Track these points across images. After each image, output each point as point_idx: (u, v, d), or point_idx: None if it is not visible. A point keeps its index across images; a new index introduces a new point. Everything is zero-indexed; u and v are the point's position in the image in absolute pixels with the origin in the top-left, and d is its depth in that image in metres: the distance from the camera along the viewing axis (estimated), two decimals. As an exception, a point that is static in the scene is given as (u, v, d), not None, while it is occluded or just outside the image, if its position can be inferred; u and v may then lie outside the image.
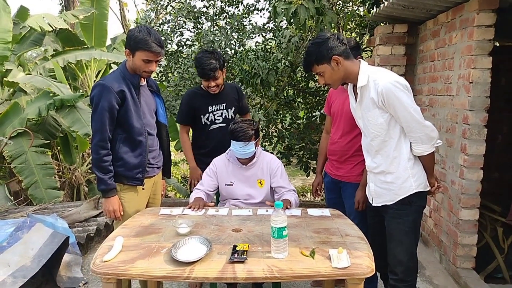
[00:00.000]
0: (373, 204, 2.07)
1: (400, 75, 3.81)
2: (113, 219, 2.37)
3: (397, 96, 1.78)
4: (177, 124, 3.19)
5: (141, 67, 2.21)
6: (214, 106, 2.94)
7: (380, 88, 1.80)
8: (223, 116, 2.97)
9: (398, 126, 1.88)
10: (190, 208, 2.36)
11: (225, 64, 2.96)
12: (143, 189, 2.39)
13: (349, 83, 2.07)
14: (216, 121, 2.96)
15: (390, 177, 1.95)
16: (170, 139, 5.61)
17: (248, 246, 1.76)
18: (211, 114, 2.95)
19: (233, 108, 3.01)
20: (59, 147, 6.10)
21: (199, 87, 3.04)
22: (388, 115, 1.86)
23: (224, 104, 2.96)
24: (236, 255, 1.66)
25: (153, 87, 2.52)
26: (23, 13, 6.75)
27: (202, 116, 2.93)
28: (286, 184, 2.56)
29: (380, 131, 1.90)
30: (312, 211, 2.26)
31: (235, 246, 1.75)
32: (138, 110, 2.30)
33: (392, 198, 1.96)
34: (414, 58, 3.92)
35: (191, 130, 3.11)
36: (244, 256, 1.65)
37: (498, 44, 4.48)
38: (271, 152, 4.70)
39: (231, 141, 2.47)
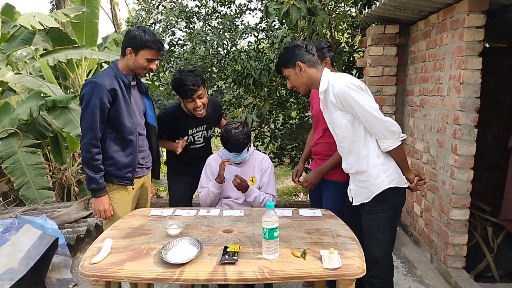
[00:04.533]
0: (353, 204, 2.12)
1: (392, 75, 3.89)
2: (103, 219, 2.35)
3: (352, 96, 1.88)
4: None
5: (143, 65, 2.26)
6: (194, 129, 2.88)
7: (336, 91, 1.91)
8: (203, 137, 2.97)
9: (362, 125, 1.96)
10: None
11: (205, 83, 2.75)
12: (132, 188, 2.39)
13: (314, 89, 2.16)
14: (196, 142, 2.94)
15: (364, 175, 2.02)
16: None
17: (239, 247, 1.74)
18: (190, 137, 2.90)
19: (213, 128, 3.04)
20: (49, 147, 6.03)
21: (179, 108, 2.85)
22: (350, 116, 1.95)
23: (205, 126, 2.92)
24: (227, 256, 1.65)
25: (142, 88, 2.52)
26: (8, 11, 6.65)
27: (180, 138, 2.84)
28: (269, 185, 2.66)
29: (346, 131, 1.99)
30: (303, 212, 2.26)
31: (226, 247, 1.73)
32: (129, 109, 2.30)
33: (368, 195, 2.03)
34: (405, 59, 3.94)
35: None
36: (235, 258, 1.64)
37: (487, 45, 4.53)
38: (264, 153, 4.69)
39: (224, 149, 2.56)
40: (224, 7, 5.46)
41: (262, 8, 5.09)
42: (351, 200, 2.16)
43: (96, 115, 2.17)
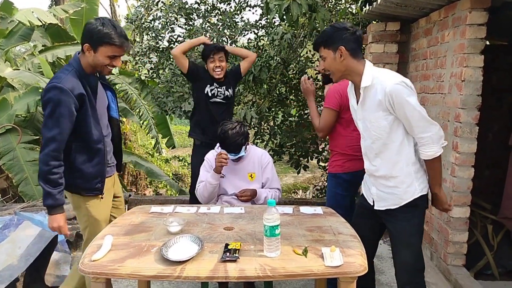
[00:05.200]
0: (376, 208, 2.01)
1: (392, 73, 3.87)
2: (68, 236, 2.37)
3: (405, 96, 1.73)
4: (167, 117, 3.41)
5: (104, 63, 1.99)
6: (213, 85, 3.22)
7: (388, 89, 1.74)
8: (224, 94, 3.29)
9: (401, 130, 1.84)
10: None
11: (228, 55, 3.37)
12: (102, 198, 2.20)
13: (350, 83, 2.02)
14: (218, 96, 3.25)
15: (393, 181, 1.91)
16: (161, 135, 5.54)
17: (240, 245, 1.74)
18: (211, 89, 3.25)
19: (232, 88, 3.34)
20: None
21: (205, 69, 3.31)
22: (392, 118, 1.81)
23: (224, 87, 3.25)
24: (228, 254, 1.64)
25: (104, 79, 2.27)
26: (7, 6, 6.62)
27: (204, 87, 3.22)
28: (273, 180, 2.66)
29: (382, 133, 1.85)
30: (304, 209, 2.25)
31: (227, 245, 1.73)
32: (96, 115, 2.08)
33: (397, 202, 1.92)
34: (406, 56, 3.93)
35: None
36: (236, 255, 1.63)
37: (488, 43, 4.51)
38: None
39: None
40: (224, 4, 5.43)
41: (262, 5, 5.06)
42: (371, 203, 2.05)
43: (63, 124, 1.93)
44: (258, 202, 2.55)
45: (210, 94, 3.22)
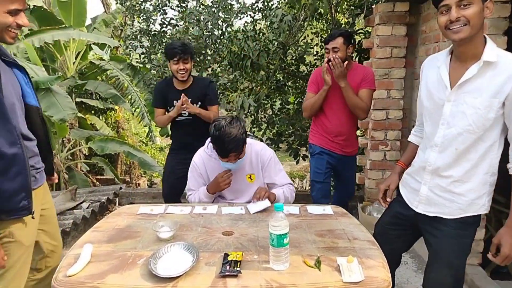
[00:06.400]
0: (420, 211, 1.69)
1: (401, 57, 3.60)
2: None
3: None
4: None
5: (6, 22, 1.47)
6: (179, 101, 2.86)
7: None
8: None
9: (498, 130, 1.51)
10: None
11: (194, 56, 3.10)
12: (32, 218, 1.65)
13: (448, 52, 1.60)
14: (183, 114, 2.95)
15: (463, 187, 1.57)
16: (154, 124, 5.16)
17: (242, 255, 1.48)
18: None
19: (199, 103, 2.97)
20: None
21: (170, 79, 3.06)
22: (502, 114, 1.47)
23: (189, 100, 2.88)
24: (228, 267, 1.39)
25: (7, 56, 1.63)
26: None
27: (168, 108, 3.00)
28: (279, 178, 2.26)
29: (480, 127, 1.49)
30: (312, 209, 1.99)
31: (226, 255, 1.47)
32: (4, 108, 1.49)
33: (454, 212, 1.60)
34: (415, 39, 3.66)
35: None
36: (238, 269, 1.38)
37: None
38: (261, 139, 4.43)
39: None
40: (219, -16, 5.13)
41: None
42: (413, 207, 1.73)
43: None
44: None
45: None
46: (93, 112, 8.32)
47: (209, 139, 2.14)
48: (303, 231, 1.73)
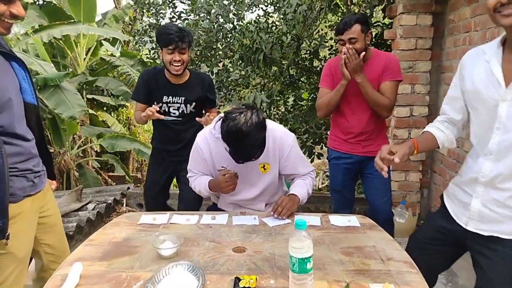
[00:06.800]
0: (471, 229, 1.45)
1: (426, 49, 3.31)
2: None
3: None
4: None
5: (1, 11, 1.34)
6: (170, 97, 2.47)
7: None
8: (181, 111, 2.51)
9: None
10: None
11: (192, 44, 2.49)
12: (6, 244, 1.43)
13: (500, 43, 1.35)
14: (171, 114, 2.50)
15: None
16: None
17: (256, 280, 1.24)
18: (165, 105, 2.48)
19: (193, 104, 2.52)
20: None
21: (161, 70, 2.51)
22: None
23: (183, 98, 2.48)
24: (239, 296, 1.16)
25: (4, 47, 1.49)
26: None
27: (155, 103, 2.46)
28: (302, 168, 1.97)
29: None
30: (335, 219, 1.74)
31: (237, 280, 1.24)
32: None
33: None
34: (441, 30, 3.37)
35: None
36: (251, 299, 1.15)
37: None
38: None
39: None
40: (230, -23, 4.91)
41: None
42: (462, 224, 1.48)
43: None
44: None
45: (161, 111, 2.44)
46: (105, 109, 8.20)
47: (217, 118, 1.79)
48: (327, 248, 1.49)
